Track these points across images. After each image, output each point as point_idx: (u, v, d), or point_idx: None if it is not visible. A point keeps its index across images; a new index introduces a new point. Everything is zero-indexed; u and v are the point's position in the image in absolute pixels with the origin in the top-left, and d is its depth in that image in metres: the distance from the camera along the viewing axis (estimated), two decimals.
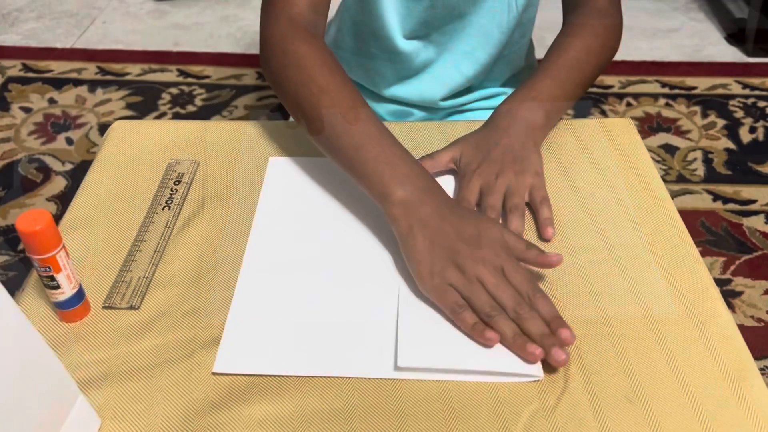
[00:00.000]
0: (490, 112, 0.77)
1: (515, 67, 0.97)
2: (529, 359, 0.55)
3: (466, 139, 0.74)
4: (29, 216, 0.54)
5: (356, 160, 0.66)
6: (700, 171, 1.65)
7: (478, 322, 0.57)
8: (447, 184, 0.74)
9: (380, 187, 0.64)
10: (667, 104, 1.86)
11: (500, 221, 0.68)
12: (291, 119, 0.97)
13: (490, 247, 0.60)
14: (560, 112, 0.77)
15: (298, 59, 0.70)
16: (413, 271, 0.61)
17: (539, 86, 0.76)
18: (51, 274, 0.56)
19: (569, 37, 0.81)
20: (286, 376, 0.56)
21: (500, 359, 0.56)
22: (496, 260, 0.60)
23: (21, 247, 1.47)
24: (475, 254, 0.60)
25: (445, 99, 0.94)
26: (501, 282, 0.59)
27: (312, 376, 0.56)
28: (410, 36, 0.88)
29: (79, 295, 0.59)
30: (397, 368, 0.56)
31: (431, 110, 0.97)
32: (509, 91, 0.96)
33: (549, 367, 0.56)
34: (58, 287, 0.57)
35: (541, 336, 0.56)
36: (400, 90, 0.94)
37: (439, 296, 0.59)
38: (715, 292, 0.62)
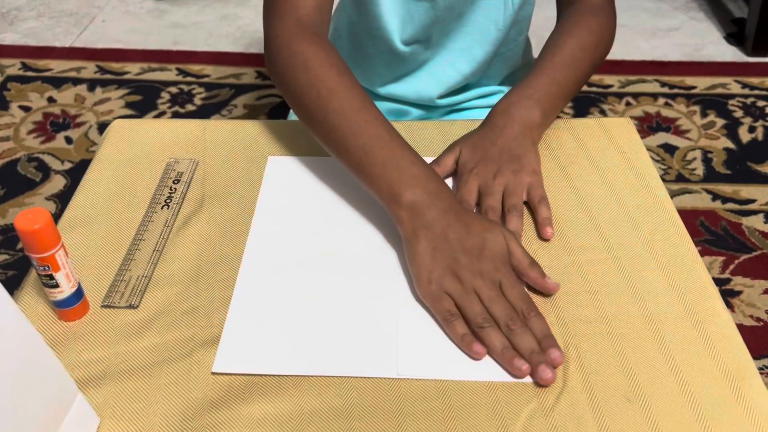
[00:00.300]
0: (488, 110, 0.77)
1: (512, 65, 0.97)
2: (515, 374, 0.55)
3: (465, 139, 0.74)
4: (28, 215, 0.54)
5: (365, 162, 0.65)
6: (700, 170, 1.65)
7: (467, 334, 0.57)
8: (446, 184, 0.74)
9: (389, 189, 0.64)
10: (666, 104, 1.86)
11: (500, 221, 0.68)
12: (290, 118, 0.97)
13: (490, 260, 0.60)
14: (557, 110, 0.77)
15: (305, 60, 0.70)
16: (413, 274, 0.61)
17: (535, 84, 0.75)
18: (50, 272, 0.56)
19: (564, 35, 0.80)
20: (286, 375, 0.56)
21: (499, 371, 0.56)
22: (494, 274, 0.60)
23: (20, 246, 1.47)
24: (475, 266, 0.60)
25: (441, 97, 0.94)
26: (496, 296, 0.59)
27: (311, 376, 0.56)
28: (410, 38, 0.88)
29: (78, 294, 0.59)
30: (396, 374, 0.56)
31: (428, 108, 0.96)
32: (506, 89, 0.96)
33: None
34: (56, 286, 0.57)
35: (530, 352, 0.55)
36: (396, 88, 0.94)
37: (433, 302, 0.59)
38: (714, 291, 0.62)
